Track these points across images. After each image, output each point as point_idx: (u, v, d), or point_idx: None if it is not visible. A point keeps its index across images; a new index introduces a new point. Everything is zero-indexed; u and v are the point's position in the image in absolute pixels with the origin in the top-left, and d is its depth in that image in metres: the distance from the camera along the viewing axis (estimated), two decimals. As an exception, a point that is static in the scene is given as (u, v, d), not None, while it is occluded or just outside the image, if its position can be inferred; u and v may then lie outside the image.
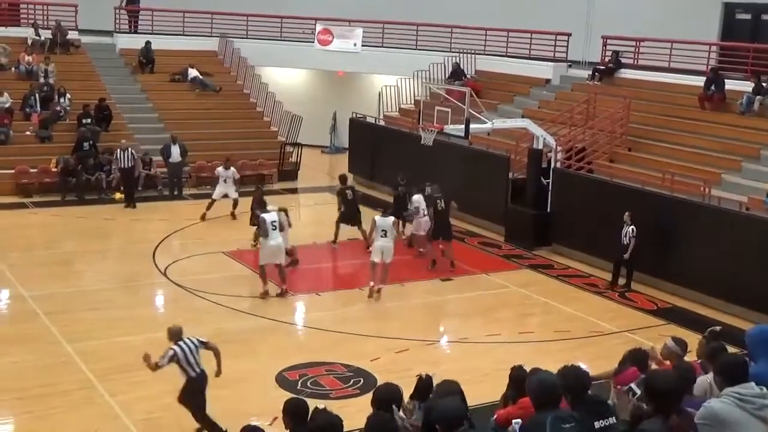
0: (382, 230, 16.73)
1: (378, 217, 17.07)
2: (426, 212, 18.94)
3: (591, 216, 19.19)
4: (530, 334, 15.07)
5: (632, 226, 17.33)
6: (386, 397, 6.63)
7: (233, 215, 22.03)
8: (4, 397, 11.89)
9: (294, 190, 26.84)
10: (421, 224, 19.20)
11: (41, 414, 11.38)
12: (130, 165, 23.33)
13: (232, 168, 22.51)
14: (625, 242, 17.39)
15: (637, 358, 7.90)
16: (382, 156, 25.94)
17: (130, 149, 23.45)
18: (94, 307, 15.62)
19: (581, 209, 19.62)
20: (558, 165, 20.98)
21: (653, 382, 6.01)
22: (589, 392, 6.05)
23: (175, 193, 24.64)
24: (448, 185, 20.81)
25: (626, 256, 17.45)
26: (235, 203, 22.00)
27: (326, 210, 22.59)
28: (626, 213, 17.43)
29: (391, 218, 17.21)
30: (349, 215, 20.09)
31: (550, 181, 20.50)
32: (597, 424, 5.85)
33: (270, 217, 16.39)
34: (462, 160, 22.68)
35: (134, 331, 14.41)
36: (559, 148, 21.21)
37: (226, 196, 22.05)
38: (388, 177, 25.45)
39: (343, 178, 20.99)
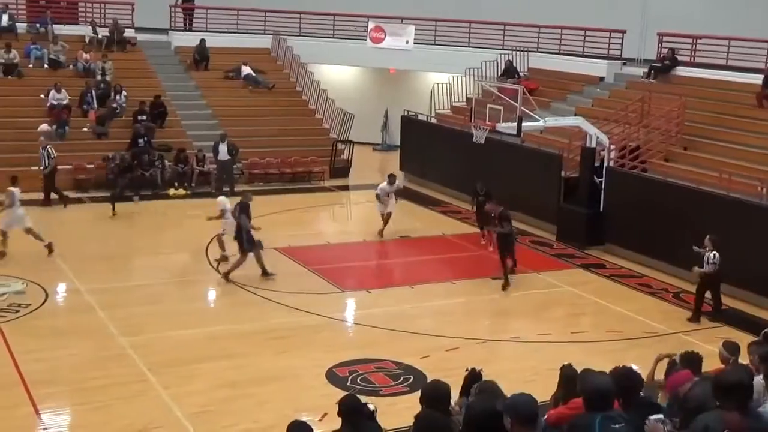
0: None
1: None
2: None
3: (645, 216, 18.95)
4: (582, 334, 14.93)
5: (715, 252, 15.32)
6: (433, 395, 6.59)
7: None
8: (61, 389, 12.11)
9: (345, 188, 26.92)
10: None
11: (97, 405, 11.55)
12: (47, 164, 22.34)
13: None
14: (707, 269, 15.48)
15: (690, 360, 7.79)
16: (434, 154, 25.89)
17: (48, 147, 22.49)
18: (147, 301, 15.84)
19: (635, 209, 19.38)
20: (611, 164, 20.74)
21: (723, 377, 5.87)
22: (642, 394, 5.98)
23: (225, 189, 24.84)
24: (500, 183, 20.75)
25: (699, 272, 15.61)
26: None
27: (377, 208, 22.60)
28: (708, 236, 15.47)
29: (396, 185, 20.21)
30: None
31: (603, 179, 20.29)
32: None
33: None
34: (514, 159, 22.55)
35: (186, 325, 14.59)
36: (612, 147, 20.98)
37: None
38: (439, 175, 25.50)
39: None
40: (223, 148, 24.74)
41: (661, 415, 6.00)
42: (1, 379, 12.16)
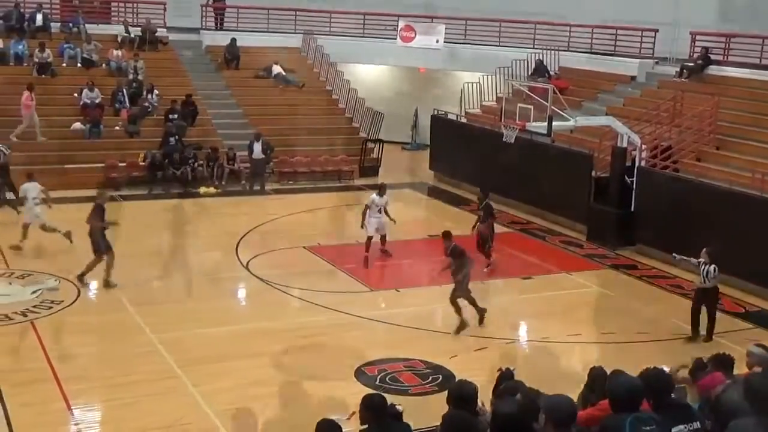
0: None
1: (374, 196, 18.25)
2: None
3: (677, 216, 18.77)
4: (611, 335, 14.83)
5: (713, 266, 14.26)
6: (459, 394, 6.56)
7: None
8: (92, 384, 12.22)
9: (375, 187, 26.88)
10: None
11: (128, 401, 11.65)
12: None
13: None
14: (707, 284, 14.48)
15: (721, 362, 7.71)
16: (464, 153, 25.83)
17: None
18: (177, 298, 15.96)
19: (667, 209, 19.22)
20: (643, 164, 20.59)
21: (753, 384, 5.79)
22: (673, 395, 5.93)
23: (257, 188, 24.98)
24: (531, 183, 20.66)
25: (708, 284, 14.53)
26: None
27: (406, 207, 22.61)
28: (705, 249, 14.42)
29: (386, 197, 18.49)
30: None
31: (635, 179, 20.15)
32: (677, 429, 5.73)
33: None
34: (544, 158, 22.44)
35: (217, 323, 14.68)
36: (644, 147, 20.81)
37: None
38: (469, 174, 25.42)
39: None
40: (257, 147, 24.90)
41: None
42: (35, 375, 12.31)
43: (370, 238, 18.43)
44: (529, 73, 28.25)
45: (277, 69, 29.67)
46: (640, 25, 27.13)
